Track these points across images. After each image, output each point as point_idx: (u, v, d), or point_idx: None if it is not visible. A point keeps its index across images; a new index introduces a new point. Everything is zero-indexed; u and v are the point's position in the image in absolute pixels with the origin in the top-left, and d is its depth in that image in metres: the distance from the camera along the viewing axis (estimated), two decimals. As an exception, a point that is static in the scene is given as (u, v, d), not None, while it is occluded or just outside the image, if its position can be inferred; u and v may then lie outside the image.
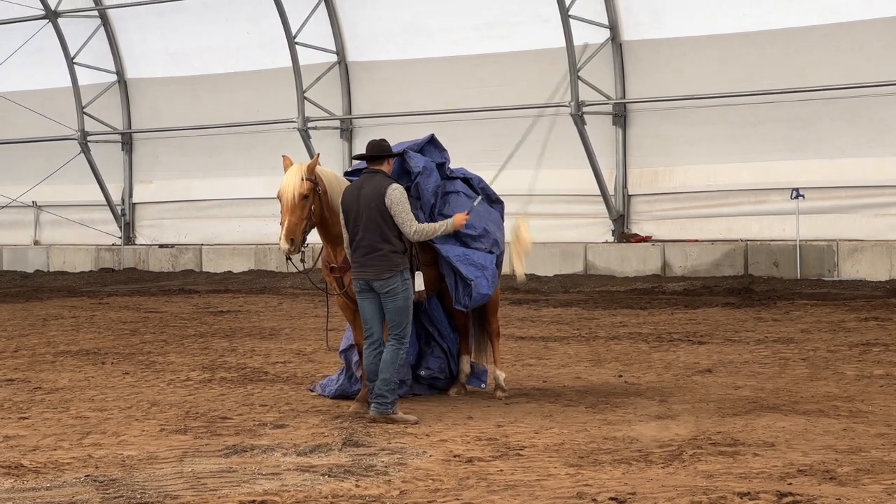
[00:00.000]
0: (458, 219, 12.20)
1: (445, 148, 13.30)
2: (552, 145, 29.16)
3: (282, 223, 11.91)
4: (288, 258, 12.03)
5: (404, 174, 12.77)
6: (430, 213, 12.64)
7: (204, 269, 33.92)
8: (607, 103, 28.99)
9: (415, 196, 12.59)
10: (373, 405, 11.70)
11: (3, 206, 37.26)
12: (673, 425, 11.08)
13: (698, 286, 25.42)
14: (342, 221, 11.98)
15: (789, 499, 8.22)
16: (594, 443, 10.33)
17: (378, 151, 11.95)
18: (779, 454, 9.76)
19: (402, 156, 12.72)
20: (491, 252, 12.72)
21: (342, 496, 8.57)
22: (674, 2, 28.26)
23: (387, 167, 11.98)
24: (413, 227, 11.75)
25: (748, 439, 10.34)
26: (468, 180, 13.26)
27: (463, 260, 12.53)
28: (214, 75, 34.55)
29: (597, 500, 8.32)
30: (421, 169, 12.66)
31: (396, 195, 11.70)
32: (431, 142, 13.24)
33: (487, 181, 13.57)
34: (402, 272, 11.74)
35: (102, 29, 35.84)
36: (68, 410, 12.42)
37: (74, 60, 36.01)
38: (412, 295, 11.88)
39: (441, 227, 12.08)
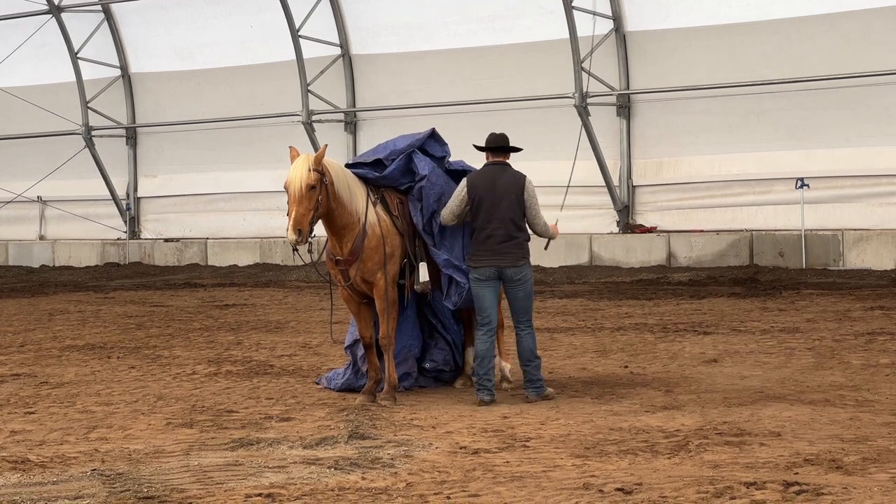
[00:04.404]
0: (554, 229, 12.64)
1: (447, 142, 13.32)
2: (556, 137, 29.29)
3: (289, 214, 11.90)
4: (295, 249, 12.04)
5: (408, 173, 12.81)
6: (429, 217, 12.67)
7: (209, 263, 33.93)
8: (611, 94, 28.96)
9: (416, 198, 12.66)
10: (531, 391, 12.19)
11: (8, 202, 37.28)
12: (679, 415, 11.08)
13: (703, 276, 25.41)
14: (459, 204, 12.29)
15: (796, 488, 8.22)
16: (600, 433, 10.33)
17: (506, 143, 12.47)
18: (785, 444, 9.76)
19: (410, 155, 12.79)
20: None
21: (348, 489, 8.57)
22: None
23: (507, 159, 12.50)
24: (543, 219, 12.37)
25: (754, 429, 10.34)
26: (466, 173, 13.25)
27: (446, 266, 12.60)
28: (218, 69, 34.54)
29: (603, 491, 8.32)
30: (427, 173, 12.68)
31: (533, 188, 12.33)
32: (432, 136, 13.26)
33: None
34: (529, 260, 12.30)
35: (106, 23, 35.84)
36: (74, 405, 12.43)
37: (78, 55, 35.99)
38: None
39: (548, 230, 12.56)
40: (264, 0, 32.62)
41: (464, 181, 12.47)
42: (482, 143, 12.58)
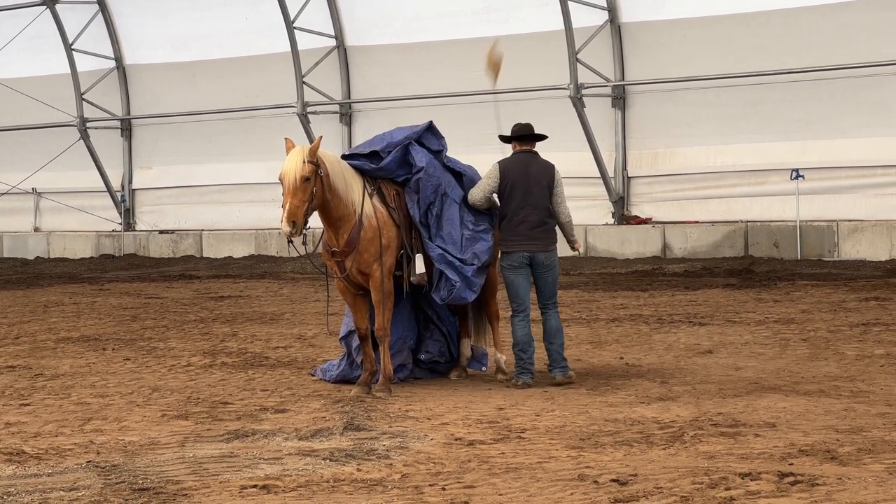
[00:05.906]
0: (578, 245, 13.36)
1: (443, 135, 13.30)
2: (551, 128, 29.26)
3: (283, 206, 11.90)
4: (290, 241, 12.04)
5: (405, 165, 12.79)
6: (426, 210, 12.66)
7: (204, 255, 33.93)
8: (606, 85, 28.95)
9: (413, 190, 12.65)
10: (557, 371, 12.51)
11: (3, 193, 37.26)
12: (674, 406, 11.08)
13: (699, 268, 25.42)
14: (491, 185, 12.57)
15: (790, 479, 8.22)
16: (595, 425, 10.33)
17: (532, 131, 12.77)
18: (780, 434, 9.76)
19: (407, 146, 12.78)
20: (472, 265, 12.69)
21: (343, 480, 8.57)
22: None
23: (534, 146, 12.82)
24: (567, 209, 12.88)
25: (749, 420, 10.34)
26: (461, 174, 13.17)
27: (439, 260, 12.56)
28: (213, 60, 34.52)
29: (598, 482, 8.33)
30: (425, 165, 12.67)
31: (560, 177, 12.85)
32: (430, 129, 13.22)
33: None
34: (556, 246, 12.71)
35: (100, 15, 35.81)
36: (69, 397, 12.43)
37: (73, 47, 35.98)
38: None
39: (572, 233, 13.07)
40: (259, -9, 32.64)
41: (496, 164, 12.72)
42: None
